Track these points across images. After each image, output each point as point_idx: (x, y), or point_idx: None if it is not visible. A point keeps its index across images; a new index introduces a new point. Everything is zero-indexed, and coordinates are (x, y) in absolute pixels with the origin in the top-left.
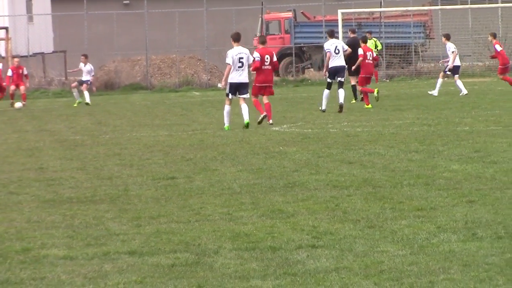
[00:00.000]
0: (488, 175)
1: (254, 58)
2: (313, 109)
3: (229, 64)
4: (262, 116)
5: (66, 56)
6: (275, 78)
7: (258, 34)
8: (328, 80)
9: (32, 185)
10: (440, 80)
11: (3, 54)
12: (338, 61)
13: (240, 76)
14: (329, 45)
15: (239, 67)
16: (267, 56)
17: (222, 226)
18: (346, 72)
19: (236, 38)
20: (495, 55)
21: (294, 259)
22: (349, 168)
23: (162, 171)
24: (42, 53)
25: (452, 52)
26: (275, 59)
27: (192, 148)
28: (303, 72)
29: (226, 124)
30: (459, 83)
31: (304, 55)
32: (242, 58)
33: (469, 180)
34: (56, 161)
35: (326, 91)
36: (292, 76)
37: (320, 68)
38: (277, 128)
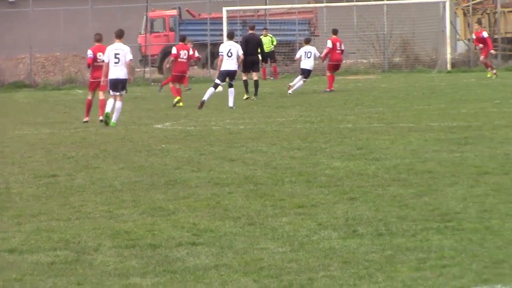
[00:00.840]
0: (370, 172)
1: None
2: (196, 107)
3: (105, 61)
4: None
5: None
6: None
7: (143, 31)
8: (217, 81)
9: None
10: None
11: None
12: (230, 64)
13: (118, 72)
14: (223, 47)
15: (115, 62)
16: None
17: (103, 223)
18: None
19: (119, 35)
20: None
21: (174, 257)
22: (231, 165)
23: (44, 169)
24: None
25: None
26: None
27: (74, 146)
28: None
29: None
30: (299, 84)
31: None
32: (118, 54)
33: (350, 177)
34: None
35: (211, 89)
36: None
37: (204, 66)
38: (159, 126)
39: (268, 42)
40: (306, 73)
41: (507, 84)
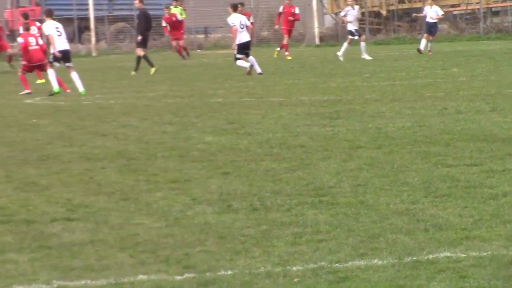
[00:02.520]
0: (243, 146)
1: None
2: (65, 82)
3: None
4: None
5: None
6: None
7: (9, 6)
8: (238, 56)
9: None
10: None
11: None
12: (245, 35)
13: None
14: (234, 19)
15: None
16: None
17: None
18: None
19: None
20: None
21: (49, 232)
22: (103, 140)
23: None
24: None
25: None
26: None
27: None
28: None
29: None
30: None
31: None
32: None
33: (223, 152)
34: None
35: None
36: None
37: (71, 40)
38: (30, 101)
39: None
40: None
41: (376, 58)
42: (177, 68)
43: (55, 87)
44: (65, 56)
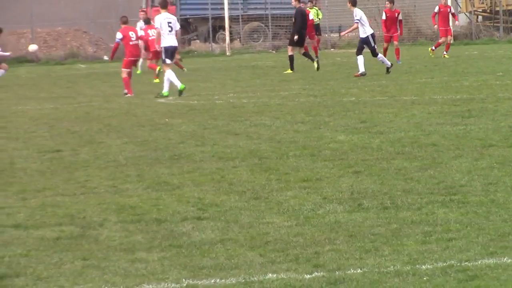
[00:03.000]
0: (374, 145)
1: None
2: (199, 81)
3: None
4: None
5: None
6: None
7: (144, 6)
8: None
9: None
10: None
11: None
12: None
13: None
14: (361, 14)
15: (169, 31)
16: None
17: (108, 198)
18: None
19: (163, 5)
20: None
21: (179, 231)
22: (235, 139)
23: (48, 144)
24: None
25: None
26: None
27: (77, 121)
28: (189, 44)
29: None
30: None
31: (190, 27)
32: (170, 23)
33: (355, 151)
34: None
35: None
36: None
37: (206, 39)
38: (163, 100)
39: (314, 15)
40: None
41: (510, 56)
42: (310, 67)
43: (165, 89)
44: (171, 53)
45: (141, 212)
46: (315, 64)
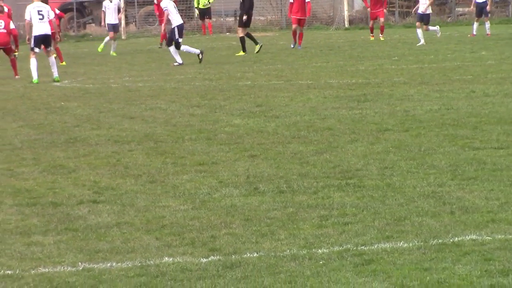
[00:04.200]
0: (270, 129)
1: None
2: (95, 64)
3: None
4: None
5: None
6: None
7: None
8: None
9: None
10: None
11: None
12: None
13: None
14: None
15: (40, 19)
16: None
17: (3, 182)
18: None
19: None
20: None
21: (75, 215)
22: (131, 123)
23: None
24: None
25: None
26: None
27: None
28: (85, 28)
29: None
30: None
31: (85, 10)
32: (41, 11)
33: (251, 135)
34: None
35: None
36: (74, 31)
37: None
38: (58, 84)
39: None
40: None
41: (405, 41)
42: (206, 51)
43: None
44: (45, 41)
45: (37, 196)
46: (257, 48)
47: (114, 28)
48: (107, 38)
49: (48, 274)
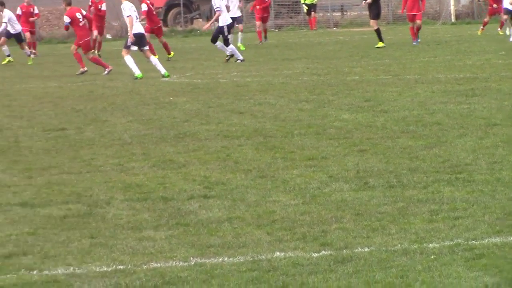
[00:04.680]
0: (379, 124)
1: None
2: (202, 60)
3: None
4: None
5: None
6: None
7: None
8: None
9: None
10: None
11: None
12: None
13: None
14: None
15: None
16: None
17: (114, 177)
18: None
19: None
20: None
21: (186, 210)
22: (240, 118)
23: (52, 123)
24: None
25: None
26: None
27: (82, 99)
28: (192, 23)
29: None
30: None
31: (192, 6)
32: (135, 10)
33: (359, 129)
34: None
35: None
36: (181, 26)
37: (208, 18)
38: (167, 79)
39: None
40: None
41: None
42: (313, 46)
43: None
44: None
45: (148, 191)
46: (381, 44)
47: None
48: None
49: (160, 269)
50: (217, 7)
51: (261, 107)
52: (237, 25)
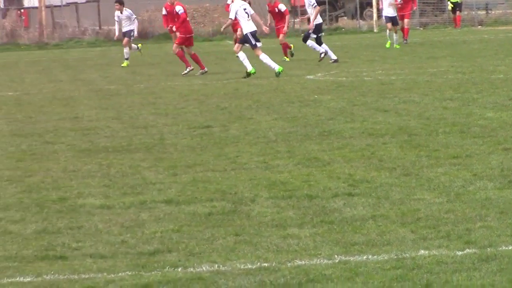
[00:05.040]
0: None
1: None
2: (347, 58)
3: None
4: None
5: (99, 6)
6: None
7: None
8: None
9: (68, 134)
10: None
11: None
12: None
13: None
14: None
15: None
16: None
17: (258, 174)
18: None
19: None
20: None
21: (330, 207)
22: (384, 116)
23: (197, 120)
24: (75, 3)
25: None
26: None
27: (227, 96)
28: (337, 21)
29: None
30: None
31: (337, 4)
32: (245, 9)
33: (504, 128)
34: (92, 111)
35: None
36: (326, 24)
37: (353, 16)
38: (311, 77)
39: None
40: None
41: None
42: (458, 44)
43: (249, 68)
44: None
45: (292, 188)
46: None
47: (392, 20)
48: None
49: (304, 266)
50: (314, 4)
51: (406, 105)
52: (393, 26)
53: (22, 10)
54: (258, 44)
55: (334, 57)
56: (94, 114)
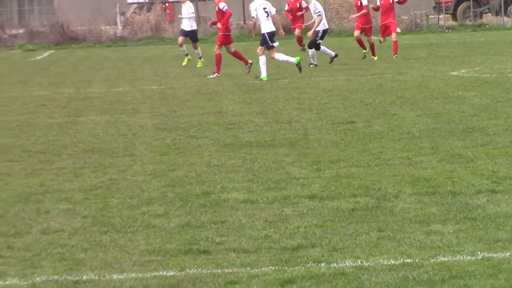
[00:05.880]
0: None
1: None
2: (491, 54)
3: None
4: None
5: (244, 0)
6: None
7: None
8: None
9: (212, 129)
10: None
11: None
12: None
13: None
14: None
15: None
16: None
17: (402, 170)
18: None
19: None
20: None
21: (474, 204)
22: None
23: (341, 116)
24: None
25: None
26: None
27: (370, 92)
28: (481, 17)
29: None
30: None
31: (481, 0)
32: (265, 8)
33: None
34: (235, 105)
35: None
36: (470, 21)
37: (498, 13)
38: (455, 73)
39: None
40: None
41: None
42: None
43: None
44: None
45: (436, 184)
46: None
47: None
48: None
49: (447, 263)
50: (319, 12)
51: None
52: None
53: (167, 4)
54: (275, 45)
55: (315, 62)
56: (238, 108)
